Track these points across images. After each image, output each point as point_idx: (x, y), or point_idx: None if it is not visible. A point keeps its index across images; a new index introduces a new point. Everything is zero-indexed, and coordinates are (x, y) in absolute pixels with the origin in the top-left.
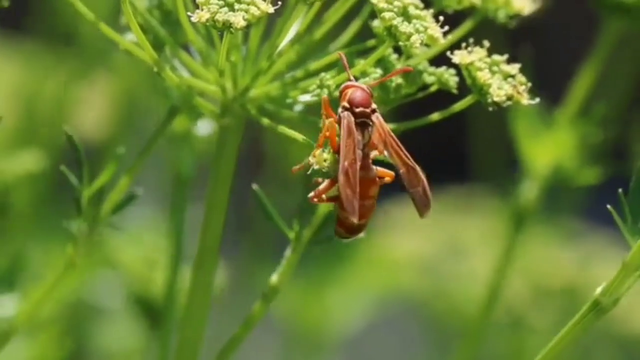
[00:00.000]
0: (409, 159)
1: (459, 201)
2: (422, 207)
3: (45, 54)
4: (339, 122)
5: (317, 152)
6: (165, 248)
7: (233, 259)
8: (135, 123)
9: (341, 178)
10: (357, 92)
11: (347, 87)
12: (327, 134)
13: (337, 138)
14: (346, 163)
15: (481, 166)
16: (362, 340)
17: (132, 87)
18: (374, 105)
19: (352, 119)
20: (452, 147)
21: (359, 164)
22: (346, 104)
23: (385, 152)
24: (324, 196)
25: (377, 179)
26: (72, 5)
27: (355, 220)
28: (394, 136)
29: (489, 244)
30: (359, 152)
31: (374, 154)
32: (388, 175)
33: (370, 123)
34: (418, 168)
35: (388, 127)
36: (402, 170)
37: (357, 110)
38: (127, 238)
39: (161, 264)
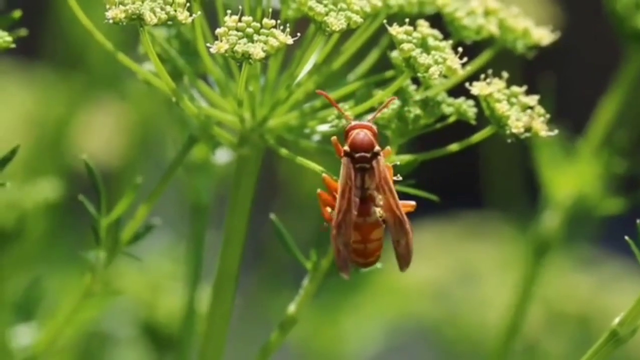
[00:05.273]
0: (398, 209)
1: (472, 228)
2: (402, 261)
3: (57, 80)
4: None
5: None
6: (183, 276)
7: (249, 286)
8: (149, 150)
9: (334, 232)
10: (359, 135)
11: (352, 128)
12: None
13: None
14: (340, 216)
15: (495, 193)
16: None
17: (146, 114)
18: (376, 148)
19: (351, 165)
20: (466, 173)
21: (354, 212)
22: (347, 148)
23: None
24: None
25: (381, 221)
26: (89, 33)
27: (345, 276)
28: (390, 184)
29: (503, 270)
30: (355, 200)
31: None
32: (409, 206)
33: (370, 167)
34: (406, 220)
35: (388, 172)
36: (389, 221)
37: (357, 155)
38: (142, 266)
39: (176, 292)
